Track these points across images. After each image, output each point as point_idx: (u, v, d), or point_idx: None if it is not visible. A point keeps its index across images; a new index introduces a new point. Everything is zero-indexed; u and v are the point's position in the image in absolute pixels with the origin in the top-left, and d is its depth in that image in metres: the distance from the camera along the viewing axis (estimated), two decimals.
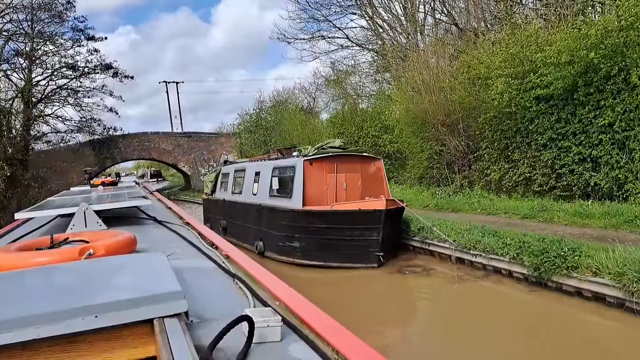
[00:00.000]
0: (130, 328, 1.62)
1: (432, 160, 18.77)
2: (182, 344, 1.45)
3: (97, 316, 1.55)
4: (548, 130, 13.39)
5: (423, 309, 9.06)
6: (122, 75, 33.52)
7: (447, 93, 17.05)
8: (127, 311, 1.59)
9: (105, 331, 1.57)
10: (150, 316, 1.62)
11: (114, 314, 1.57)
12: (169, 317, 1.64)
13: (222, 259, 3.05)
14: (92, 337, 1.57)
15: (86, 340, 1.57)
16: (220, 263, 2.94)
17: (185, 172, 42.86)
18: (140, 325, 1.62)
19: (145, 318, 1.61)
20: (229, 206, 16.86)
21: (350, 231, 11.41)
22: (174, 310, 1.66)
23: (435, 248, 11.72)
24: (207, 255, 3.22)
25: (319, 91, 42.50)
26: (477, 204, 15.44)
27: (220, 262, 2.97)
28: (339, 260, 11.73)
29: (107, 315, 1.56)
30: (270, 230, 13.37)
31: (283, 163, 13.67)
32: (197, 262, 3.07)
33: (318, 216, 11.77)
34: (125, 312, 1.59)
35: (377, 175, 13.27)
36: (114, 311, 1.57)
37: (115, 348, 1.61)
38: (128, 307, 1.60)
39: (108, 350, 1.60)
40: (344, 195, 12.63)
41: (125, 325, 1.60)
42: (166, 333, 1.52)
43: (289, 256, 12.62)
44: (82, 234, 3.36)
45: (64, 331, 1.51)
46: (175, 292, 1.70)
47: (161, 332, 1.54)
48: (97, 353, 1.59)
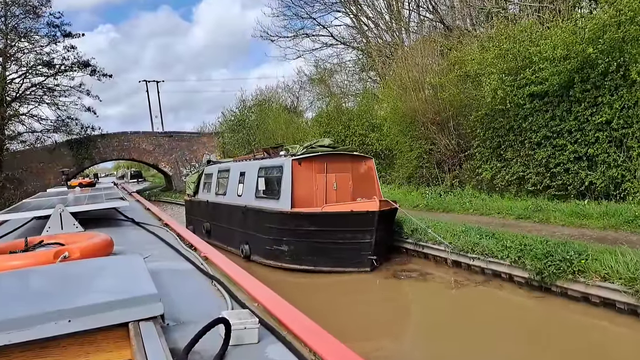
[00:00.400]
0: (105, 332, 1.60)
1: (422, 159, 18.37)
2: (157, 348, 1.44)
3: (71, 320, 1.53)
4: (542, 128, 13.06)
5: (420, 317, 8.55)
6: (100, 74, 32.66)
7: (437, 91, 16.65)
8: (101, 315, 1.57)
9: (79, 336, 1.55)
10: (125, 320, 1.60)
11: (88, 318, 1.55)
12: (145, 320, 1.62)
13: (201, 261, 3.01)
14: (66, 341, 1.55)
15: (59, 345, 1.54)
16: (198, 265, 2.89)
17: (166, 173, 41.97)
18: (116, 329, 1.61)
19: (121, 322, 1.60)
20: (213, 208, 16.25)
21: (342, 234, 10.91)
22: (150, 314, 1.65)
23: (430, 251, 11.27)
24: (185, 257, 3.18)
25: (303, 90, 42.05)
26: (469, 204, 15.07)
27: (199, 263, 2.93)
28: (329, 265, 11.22)
29: (81, 320, 1.54)
30: (257, 233, 12.81)
31: (270, 163, 13.12)
32: (174, 264, 3.03)
33: (308, 218, 11.24)
34: (100, 316, 1.57)
35: (368, 175, 12.79)
36: (89, 315, 1.56)
37: (89, 353, 1.58)
38: (103, 310, 1.58)
39: (82, 355, 1.57)
40: (334, 196, 12.12)
41: (99, 330, 1.58)
42: (141, 337, 1.51)
43: (277, 260, 12.07)
44: (58, 236, 3.31)
45: (36, 336, 1.48)
46: (151, 295, 1.68)
47: (136, 336, 1.53)
48: (71, 358, 1.56)
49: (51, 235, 3.46)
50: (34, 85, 30.35)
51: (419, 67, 17.33)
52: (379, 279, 10.43)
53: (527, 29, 13.06)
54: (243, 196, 13.98)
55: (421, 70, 17.25)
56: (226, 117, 41.10)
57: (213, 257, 3.09)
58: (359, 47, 34.21)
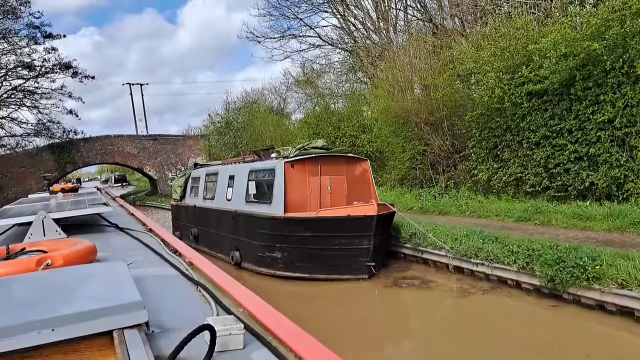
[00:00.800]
0: (88, 341, 1.59)
1: (415, 160, 17.94)
2: (142, 356, 1.44)
3: (54, 329, 1.52)
4: (541, 128, 12.69)
5: (425, 328, 7.99)
6: (82, 75, 31.87)
7: (430, 90, 16.24)
8: (85, 323, 1.56)
9: (62, 345, 1.54)
10: (109, 328, 1.60)
11: (71, 327, 1.54)
12: (129, 328, 1.62)
13: (186, 266, 2.98)
14: (49, 351, 1.53)
15: (42, 354, 1.53)
16: (183, 270, 2.87)
17: (151, 177, 41.10)
18: (99, 337, 1.60)
19: (104, 330, 1.59)
20: (201, 213, 15.67)
21: (338, 240, 10.41)
22: (134, 321, 1.65)
23: (430, 256, 10.82)
24: (169, 262, 3.15)
25: (290, 91, 41.48)
26: (465, 206, 14.68)
27: (184, 269, 2.90)
28: (325, 272, 10.72)
29: (65, 329, 1.53)
30: (248, 240, 12.27)
31: (261, 166, 12.59)
32: (159, 270, 3.01)
33: (302, 224, 10.73)
34: (84, 325, 1.56)
35: (364, 178, 12.31)
36: (72, 324, 1.55)
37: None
38: (86, 319, 1.57)
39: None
40: (328, 199, 11.63)
41: (83, 338, 1.57)
42: (125, 345, 1.51)
43: (270, 268, 11.54)
44: (40, 243, 3.27)
45: (18, 346, 1.46)
46: (136, 303, 1.68)
47: (120, 344, 1.52)
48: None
49: (33, 243, 3.39)
50: (14, 88, 29.44)
51: (411, 67, 16.91)
52: (378, 287, 9.93)
53: (524, 26, 12.67)
54: (233, 201, 13.44)
55: (413, 69, 16.83)
56: (212, 119, 40.45)
57: (198, 262, 3.06)
58: (346, 47, 33.81)
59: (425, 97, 16.37)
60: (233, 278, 2.61)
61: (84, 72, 31.45)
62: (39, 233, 4.03)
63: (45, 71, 28.93)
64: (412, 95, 16.46)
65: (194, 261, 3.12)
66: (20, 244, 3.35)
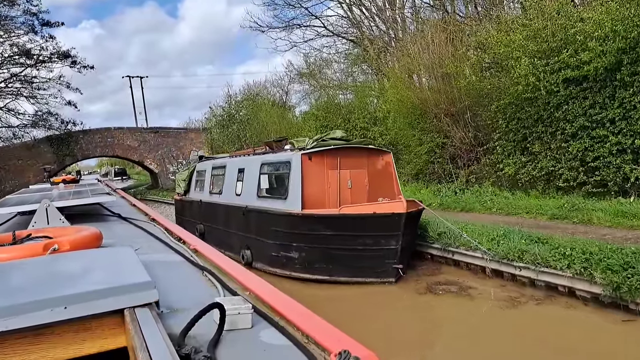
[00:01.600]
0: (100, 319, 1.61)
1: (433, 154, 16.94)
2: (155, 332, 1.45)
3: (67, 307, 1.53)
4: (579, 118, 11.68)
5: (473, 348, 6.71)
6: (81, 65, 30.80)
7: (452, 79, 15.23)
8: (97, 302, 1.58)
9: (74, 323, 1.56)
10: (120, 306, 1.61)
11: (83, 305, 1.56)
12: (140, 307, 1.63)
13: (191, 253, 2.98)
14: (61, 328, 1.56)
15: (54, 332, 1.55)
16: (188, 257, 2.87)
17: (152, 170, 40.09)
18: (111, 316, 1.61)
19: (116, 308, 1.60)
20: (207, 208, 14.71)
21: (362, 239, 9.43)
22: (145, 300, 1.65)
23: (462, 258, 9.85)
24: (174, 249, 3.16)
25: (294, 83, 40.45)
26: (490, 203, 13.70)
27: (189, 255, 2.90)
28: (347, 274, 9.75)
29: (77, 307, 1.55)
30: (261, 238, 11.30)
31: (274, 158, 11.60)
32: (164, 257, 3.01)
33: (322, 221, 9.74)
34: (96, 303, 1.57)
35: (386, 172, 11.32)
36: (84, 302, 1.56)
37: (85, 339, 1.59)
38: (98, 297, 1.59)
39: (77, 342, 1.58)
40: (348, 195, 10.65)
41: (94, 316, 1.59)
42: (138, 322, 1.52)
43: (285, 268, 10.57)
44: (46, 230, 3.30)
45: (32, 323, 1.49)
46: (146, 282, 1.70)
47: (132, 322, 1.53)
48: (66, 344, 1.57)
49: (39, 229, 3.41)
50: (10, 77, 28.39)
51: (429, 54, 15.87)
52: (408, 292, 8.94)
53: (563, 4, 11.63)
54: (242, 195, 12.47)
55: (431, 57, 15.80)
56: (215, 112, 39.40)
57: (202, 249, 3.04)
58: (353, 38, 32.74)
59: (446, 86, 15.34)
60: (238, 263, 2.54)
61: (83, 62, 30.41)
62: (43, 221, 3.96)
63: (42, 60, 27.82)
64: (433, 85, 15.39)
65: (199, 248, 3.07)
66: (25, 230, 3.33)
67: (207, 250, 3.03)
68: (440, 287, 8.74)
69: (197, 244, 3.20)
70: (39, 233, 3.16)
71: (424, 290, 8.76)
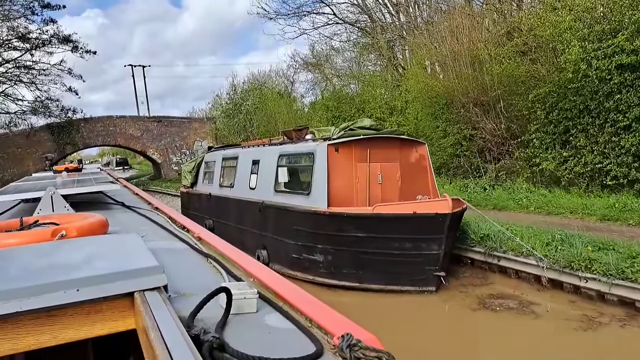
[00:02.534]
0: (110, 302, 1.64)
1: (459, 146, 15.75)
2: (165, 313, 1.48)
3: (79, 290, 1.57)
4: (634, 108, 10.49)
5: None
6: (83, 50, 29.54)
7: (484, 65, 14.03)
8: (108, 285, 1.61)
9: (86, 305, 1.59)
10: (131, 289, 1.64)
11: (95, 288, 1.59)
12: (149, 290, 1.66)
13: (195, 241, 3.02)
14: (73, 310, 1.59)
15: (67, 313, 1.59)
16: (193, 244, 2.91)
17: (154, 160, 38.93)
18: (121, 298, 1.64)
19: (126, 291, 1.64)
20: (217, 203, 13.60)
21: (399, 242, 8.31)
22: (154, 284, 1.68)
23: (510, 264, 8.71)
24: (179, 237, 3.19)
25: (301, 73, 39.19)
26: (526, 201, 12.57)
27: (193, 243, 2.94)
28: (380, 282, 8.65)
29: (89, 289, 1.58)
30: (279, 237, 10.20)
31: (294, 149, 10.48)
32: (169, 244, 3.05)
33: (353, 221, 8.60)
34: (106, 286, 1.61)
35: (420, 165, 10.17)
36: (95, 285, 1.60)
37: (95, 321, 1.64)
38: (109, 281, 1.62)
39: (88, 324, 1.62)
40: (378, 191, 9.52)
41: (105, 299, 1.62)
42: (148, 304, 1.55)
43: (307, 272, 9.47)
44: (52, 216, 3.31)
45: (46, 304, 1.53)
46: (155, 267, 1.74)
47: (143, 304, 1.56)
48: (78, 326, 1.61)
49: (45, 216, 3.44)
50: (8, 61, 27.17)
51: (457, 39, 14.65)
52: (453, 305, 7.79)
53: None
54: (258, 190, 11.36)
55: (463, 43, 14.59)
56: (219, 101, 38.22)
57: (206, 237, 3.05)
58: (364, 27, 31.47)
59: (476, 73, 14.14)
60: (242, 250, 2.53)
61: (85, 47, 29.16)
62: (48, 209, 3.96)
63: (42, 42, 26.56)
64: (462, 72, 14.19)
65: (203, 236, 3.07)
66: (32, 216, 3.37)
67: (211, 238, 3.03)
68: (495, 302, 7.52)
69: (201, 232, 3.18)
70: (46, 219, 3.15)
71: (476, 304, 7.56)
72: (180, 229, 3.51)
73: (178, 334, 1.34)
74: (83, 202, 4.94)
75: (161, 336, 1.33)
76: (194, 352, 1.26)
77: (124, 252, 2.06)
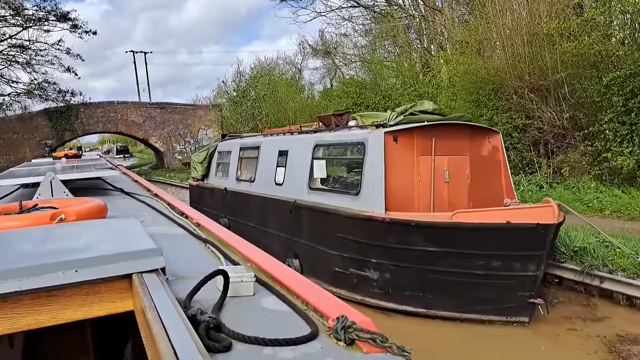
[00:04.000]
0: (108, 283, 1.66)
1: (509, 138, 13.81)
2: (162, 294, 1.49)
3: (77, 271, 1.59)
4: None
5: None
6: (82, 30, 27.57)
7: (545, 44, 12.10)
8: (106, 266, 1.64)
9: (84, 286, 1.62)
10: (128, 271, 1.67)
11: (93, 269, 1.61)
12: (147, 272, 1.68)
13: (193, 227, 3.06)
14: (72, 291, 1.61)
15: (65, 294, 1.60)
16: (191, 230, 2.96)
17: (157, 149, 37.09)
18: (119, 280, 1.67)
19: (124, 273, 1.66)
20: (234, 199, 11.80)
21: (485, 260, 6.45)
22: (152, 266, 1.71)
23: (619, 287, 6.84)
24: (177, 223, 3.23)
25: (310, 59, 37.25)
26: (597, 203, 10.71)
27: (192, 229, 3.00)
28: (454, 308, 6.80)
29: (87, 270, 1.60)
30: (317, 245, 8.37)
31: (336, 138, 8.62)
32: (167, 229, 3.09)
33: (424, 232, 6.72)
34: (105, 267, 1.63)
35: (493, 160, 8.29)
36: (94, 266, 1.62)
37: (94, 302, 1.66)
38: (107, 262, 1.65)
39: (87, 305, 1.64)
40: (444, 192, 7.66)
41: (104, 280, 1.64)
42: (146, 286, 1.57)
43: (356, 291, 7.62)
44: (51, 201, 3.35)
45: (45, 284, 1.55)
46: (153, 250, 1.76)
47: (141, 285, 1.59)
48: (76, 306, 1.63)
49: (45, 200, 3.48)
50: (2, 40, 25.21)
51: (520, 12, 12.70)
52: (561, 348, 5.90)
53: None
54: (286, 186, 9.55)
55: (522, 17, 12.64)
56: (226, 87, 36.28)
57: (205, 223, 3.08)
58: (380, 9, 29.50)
59: (538, 50, 12.20)
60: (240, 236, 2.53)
61: (84, 26, 27.16)
62: (47, 194, 3.96)
63: (38, 19, 24.53)
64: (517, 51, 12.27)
65: (201, 222, 3.09)
66: (32, 200, 3.38)
67: (210, 224, 3.04)
68: (632, 349, 5.61)
69: (199, 218, 3.19)
70: (45, 203, 3.15)
71: (602, 350, 5.65)
72: (179, 215, 3.53)
73: (175, 314, 1.36)
74: (82, 188, 4.96)
75: (158, 316, 1.35)
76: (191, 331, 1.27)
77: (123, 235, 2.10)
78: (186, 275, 1.93)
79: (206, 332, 1.31)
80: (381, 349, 1.24)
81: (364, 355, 1.25)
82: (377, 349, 1.25)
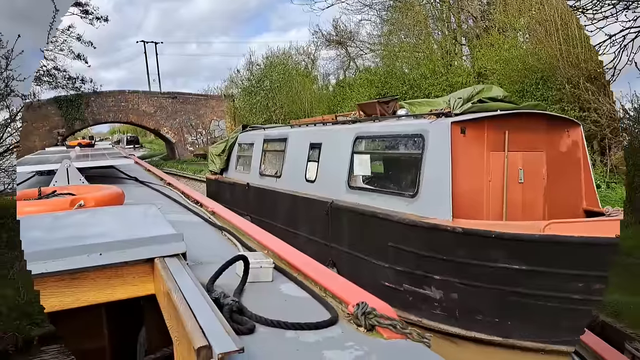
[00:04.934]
0: (130, 267, 1.69)
1: None
2: (186, 278, 1.50)
3: (102, 254, 1.63)
4: None
5: None
6: (93, 17, 26.48)
7: None
8: (129, 250, 1.68)
9: (107, 269, 1.64)
10: (151, 255, 1.71)
11: (117, 253, 1.65)
12: (169, 257, 1.72)
13: (208, 215, 3.08)
14: (95, 274, 1.63)
15: (89, 277, 1.62)
16: (207, 218, 3.00)
17: (169, 140, 36.05)
18: (142, 264, 1.70)
19: (147, 257, 1.70)
20: (257, 196, 10.69)
21: (584, 282, 5.21)
22: (174, 251, 1.76)
23: None
24: (192, 211, 3.28)
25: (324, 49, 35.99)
26: None
27: (207, 217, 3.03)
28: (539, 337, 5.56)
29: (111, 254, 1.64)
30: (361, 255, 7.19)
31: (385, 129, 7.40)
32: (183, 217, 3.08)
33: (507, 245, 5.48)
34: (128, 251, 1.67)
35: (573, 157, 7.02)
36: (118, 250, 1.66)
37: (116, 285, 1.67)
38: (131, 246, 1.69)
39: (109, 288, 1.66)
40: (518, 195, 6.44)
41: (126, 264, 1.67)
42: (169, 269, 1.59)
43: (411, 311, 6.41)
44: (69, 187, 3.40)
45: (69, 267, 1.57)
46: (174, 235, 1.81)
47: (164, 269, 1.61)
48: (99, 289, 1.65)
49: (63, 187, 3.51)
50: None
51: None
52: None
53: None
54: (319, 183, 8.42)
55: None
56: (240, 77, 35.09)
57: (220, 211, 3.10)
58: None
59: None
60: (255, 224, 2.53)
61: (96, 13, 26.04)
62: (64, 181, 3.97)
63: None
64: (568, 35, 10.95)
65: (216, 210, 3.11)
66: (50, 187, 3.46)
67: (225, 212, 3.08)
68: None
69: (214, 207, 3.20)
70: (64, 190, 3.21)
71: None
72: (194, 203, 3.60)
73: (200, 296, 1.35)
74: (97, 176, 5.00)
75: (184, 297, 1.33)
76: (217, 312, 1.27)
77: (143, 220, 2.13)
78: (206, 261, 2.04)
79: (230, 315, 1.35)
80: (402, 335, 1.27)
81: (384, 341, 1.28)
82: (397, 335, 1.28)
